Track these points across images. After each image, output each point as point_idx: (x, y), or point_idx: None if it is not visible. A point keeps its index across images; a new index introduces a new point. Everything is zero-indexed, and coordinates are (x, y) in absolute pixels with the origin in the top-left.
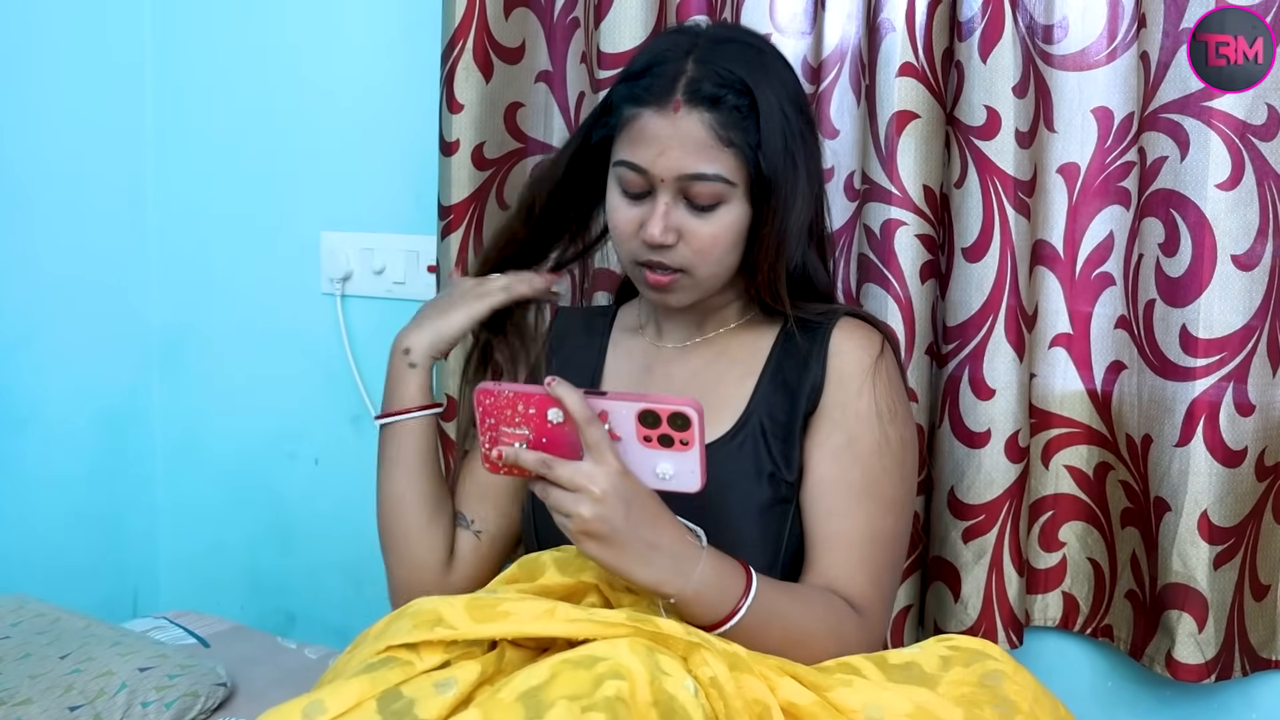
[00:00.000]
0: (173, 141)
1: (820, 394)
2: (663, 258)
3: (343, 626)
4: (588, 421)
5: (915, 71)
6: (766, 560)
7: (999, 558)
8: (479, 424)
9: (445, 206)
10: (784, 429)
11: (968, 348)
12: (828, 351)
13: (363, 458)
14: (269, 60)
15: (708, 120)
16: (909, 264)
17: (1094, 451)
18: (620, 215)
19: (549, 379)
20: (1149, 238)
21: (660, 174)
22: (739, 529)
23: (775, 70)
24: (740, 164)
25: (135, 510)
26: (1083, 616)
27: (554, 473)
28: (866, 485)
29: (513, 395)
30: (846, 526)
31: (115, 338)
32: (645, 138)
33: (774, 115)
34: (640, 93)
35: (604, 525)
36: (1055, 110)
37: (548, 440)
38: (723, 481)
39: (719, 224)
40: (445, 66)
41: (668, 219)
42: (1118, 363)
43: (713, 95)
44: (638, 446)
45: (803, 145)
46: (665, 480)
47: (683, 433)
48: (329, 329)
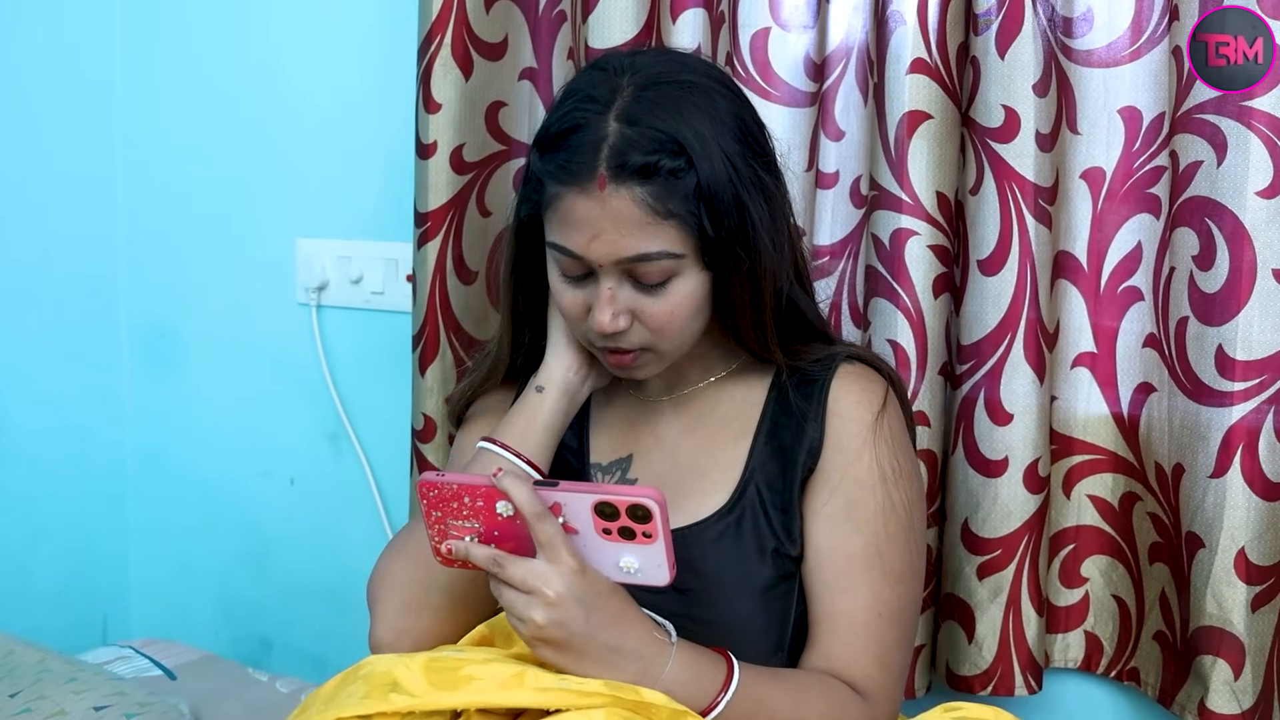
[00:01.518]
0: (141, 145)
1: (818, 456)
2: (619, 343)
3: (321, 655)
4: (538, 517)
5: (927, 68)
6: (770, 645)
7: (1017, 596)
8: (425, 516)
9: (422, 213)
10: (783, 497)
11: (984, 368)
12: (826, 409)
13: (340, 478)
14: (239, 58)
15: (640, 195)
16: (920, 277)
17: (1120, 481)
18: (565, 299)
19: (496, 469)
20: (1181, 249)
21: (596, 259)
22: (738, 613)
23: (709, 109)
24: (685, 233)
25: (104, 531)
26: (1106, 658)
27: (505, 572)
28: (869, 556)
29: (458, 488)
30: (849, 603)
31: (82, 351)
32: (573, 222)
33: (716, 166)
34: (557, 170)
35: (560, 631)
36: (1079, 110)
37: (500, 533)
38: (720, 563)
39: (674, 299)
40: (421, 63)
41: (615, 304)
42: (1146, 385)
43: (643, 165)
44: (597, 539)
45: (757, 187)
46: (630, 574)
47: (644, 525)
48: (304, 341)
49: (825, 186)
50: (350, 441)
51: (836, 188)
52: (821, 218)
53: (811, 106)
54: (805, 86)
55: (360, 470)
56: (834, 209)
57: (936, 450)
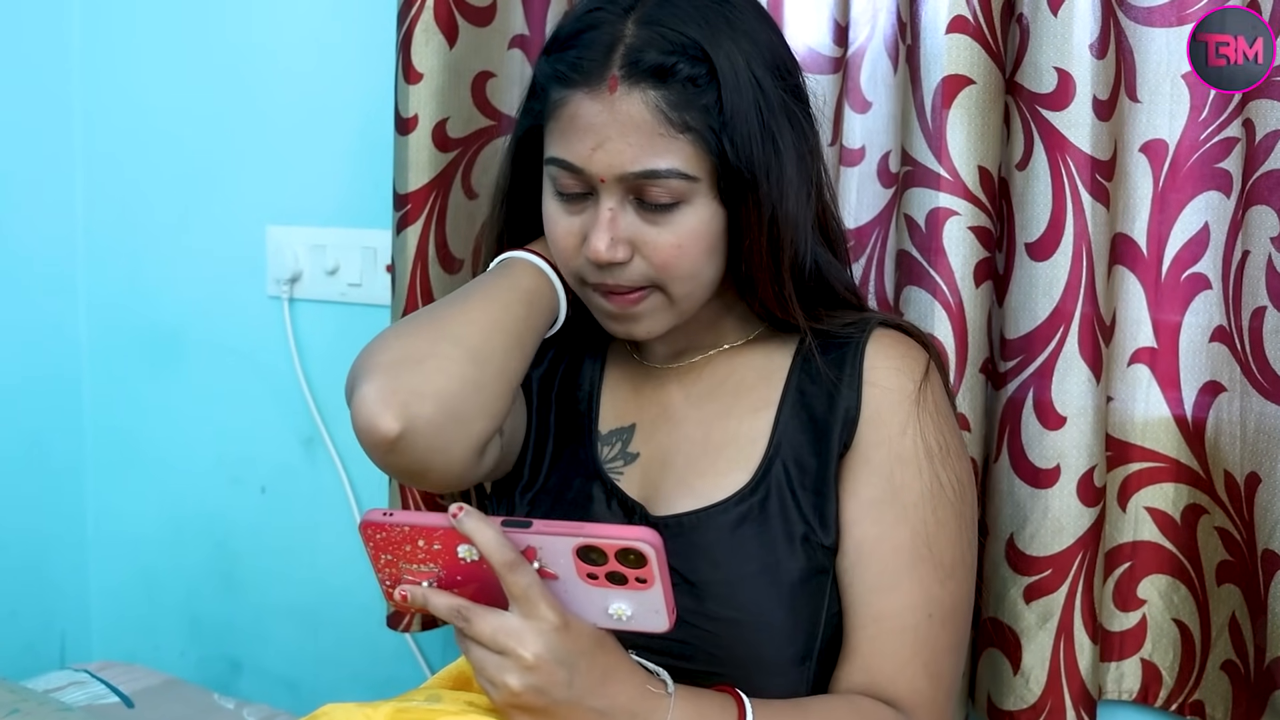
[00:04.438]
0: (100, 126)
1: (855, 429)
2: (617, 279)
3: (293, 677)
4: (509, 567)
5: (968, 27)
6: (798, 651)
7: (1069, 621)
8: (372, 561)
9: (401, 194)
10: (815, 477)
11: (1032, 365)
12: (862, 375)
13: (315, 486)
14: (204, 28)
15: (654, 100)
16: (960, 263)
17: (1183, 491)
18: (558, 227)
19: (455, 507)
20: (1257, 231)
21: (599, 172)
22: (761, 611)
23: (743, 24)
24: (701, 152)
25: (61, 544)
26: (1166, 689)
27: (473, 628)
28: (917, 547)
29: (410, 529)
30: (895, 603)
31: (37, 350)
32: (577, 128)
33: (742, 85)
34: (566, 70)
35: (539, 698)
36: (1139, 75)
37: (462, 578)
38: (741, 552)
39: (682, 230)
40: (401, 29)
41: (614, 228)
42: (1214, 384)
43: (659, 66)
44: (581, 584)
45: (786, 119)
46: (622, 622)
47: (638, 570)
48: (276, 337)
49: (850, 164)
50: (325, 447)
51: (862, 165)
52: (845, 198)
53: (835, 74)
54: (829, 51)
55: (336, 478)
56: (859, 188)
57: (977, 457)
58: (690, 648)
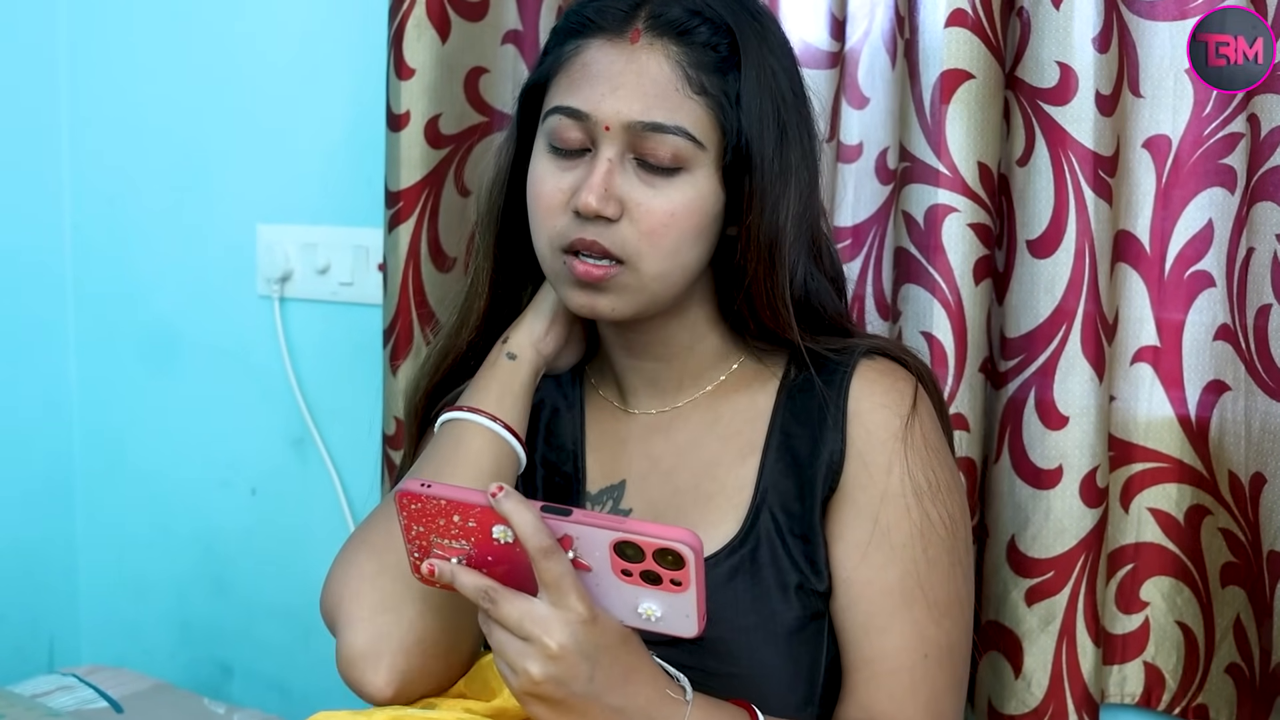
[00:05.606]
0: (89, 121)
1: (840, 471)
2: (599, 237)
3: (285, 681)
4: (544, 553)
5: (968, 21)
6: (799, 697)
7: (1071, 624)
8: (404, 531)
9: (393, 191)
10: (802, 523)
11: (1034, 364)
12: (846, 413)
13: (306, 487)
14: (194, 22)
15: (674, 56)
16: (960, 260)
17: (1186, 492)
18: (546, 185)
19: (495, 486)
20: (1262, 227)
21: (605, 119)
22: (761, 664)
23: (769, 26)
24: (712, 121)
25: (50, 547)
26: (1169, 692)
27: (499, 610)
28: (908, 587)
29: (446, 503)
30: (889, 644)
31: (25, 349)
32: (590, 74)
33: (763, 72)
34: (590, 17)
35: (558, 689)
36: (1141, 69)
37: (493, 558)
38: (736, 606)
39: (677, 197)
40: (393, 24)
41: (610, 181)
42: (1218, 383)
43: (683, 24)
44: (614, 579)
45: (797, 119)
46: (651, 622)
47: (674, 571)
48: (266, 337)
49: (847, 160)
50: (316, 447)
51: (860, 161)
52: (842, 195)
53: (832, 69)
54: (826, 46)
55: (327, 479)
56: (857, 185)
57: (976, 458)
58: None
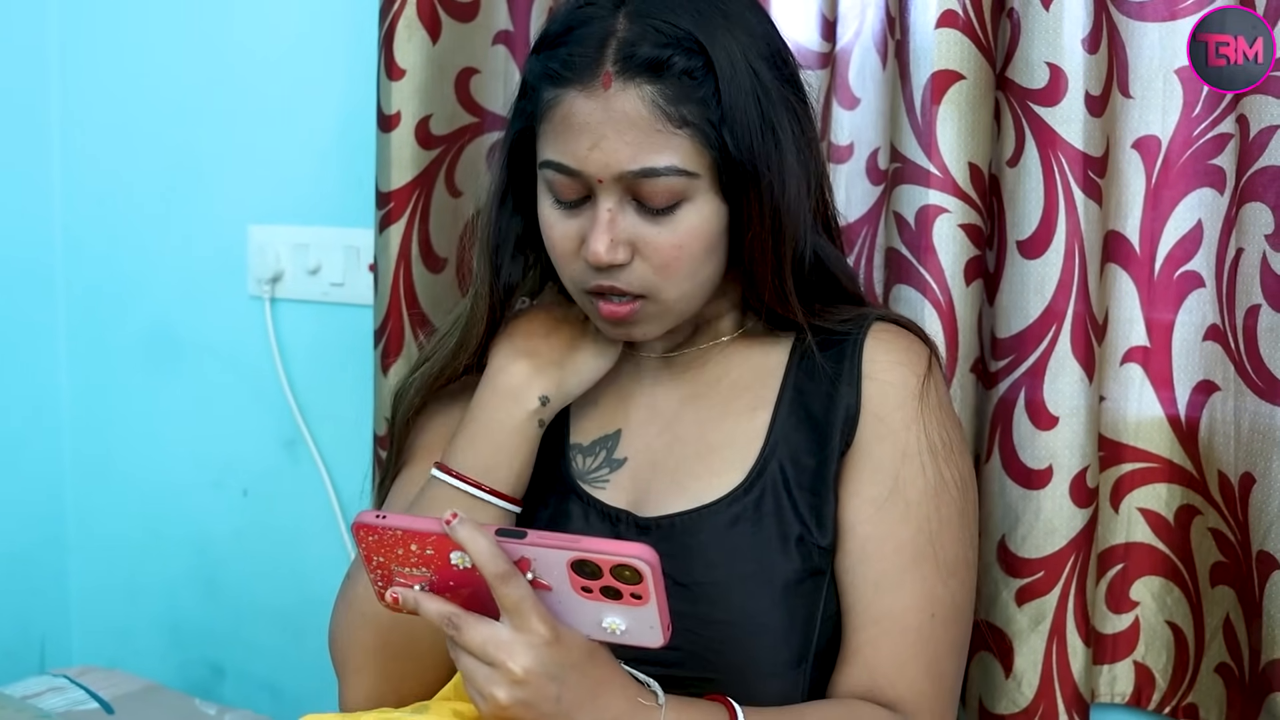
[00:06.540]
0: (79, 122)
1: (855, 427)
2: (615, 281)
3: (277, 683)
4: (502, 579)
5: (958, 22)
6: (792, 652)
7: (1061, 623)
8: (364, 562)
9: (384, 192)
10: (812, 477)
11: (1024, 365)
12: (861, 370)
13: (297, 488)
14: (184, 22)
15: (650, 95)
16: (950, 260)
17: (1175, 492)
18: (556, 231)
19: (449, 514)
20: (1251, 228)
21: (595, 173)
22: (755, 613)
23: (737, 14)
24: (700, 148)
25: (41, 548)
26: (1159, 692)
27: (463, 636)
28: (920, 545)
29: (403, 533)
30: (898, 602)
31: (14, 350)
32: (572, 128)
33: (740, 76)
34: (558, 68)
35: (526, 711)
36: (1131, 70)
37: (455, 583)
38: (734, 553)
39: (682, 229)
40: (383, 25)
41: (614, 230)
42: (1207, 383)
43: (653, 60)
44: (575, 597)
45: (785, 109)
46: (616, 635)
47: (633, 586)
48: (257, 337)
49: (838, 161)
50: (308, 448)
51: (851, 162)
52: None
53: (823, 69)
54: (816, 47)
55: (319, 480)
56: (848, 186)
57: None
58: (682, 653)
